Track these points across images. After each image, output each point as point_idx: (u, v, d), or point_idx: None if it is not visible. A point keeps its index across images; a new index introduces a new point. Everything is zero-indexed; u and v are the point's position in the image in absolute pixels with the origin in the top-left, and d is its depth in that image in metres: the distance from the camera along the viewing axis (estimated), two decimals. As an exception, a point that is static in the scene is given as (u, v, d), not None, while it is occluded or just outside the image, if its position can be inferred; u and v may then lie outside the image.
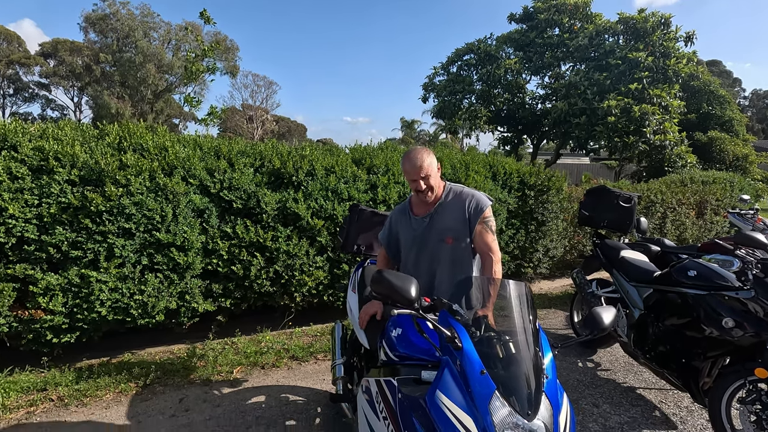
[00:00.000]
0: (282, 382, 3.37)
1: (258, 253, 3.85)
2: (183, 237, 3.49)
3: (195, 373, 3.42)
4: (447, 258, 2.20)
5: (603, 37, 11.45)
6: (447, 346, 1.43)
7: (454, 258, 2.20)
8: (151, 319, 3.51)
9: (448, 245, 2.19)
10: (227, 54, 37.03)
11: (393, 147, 5.17)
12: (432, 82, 15.05)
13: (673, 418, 2.97)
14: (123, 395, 3.11)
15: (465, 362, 1.34)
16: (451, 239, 2.19)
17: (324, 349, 3.90)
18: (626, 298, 3.53)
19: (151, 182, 3.41)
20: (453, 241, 2.18)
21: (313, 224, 3.99)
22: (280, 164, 4.04)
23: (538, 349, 1.43)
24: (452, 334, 1.40)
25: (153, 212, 3.35)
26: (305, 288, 4.10)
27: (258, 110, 42.24)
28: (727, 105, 14.06)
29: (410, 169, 2.10)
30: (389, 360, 1.87)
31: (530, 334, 1.44)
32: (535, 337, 1.45)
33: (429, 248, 2.23)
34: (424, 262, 2.25)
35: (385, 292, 1.45)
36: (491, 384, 1.29)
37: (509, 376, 1.33)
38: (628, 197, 4.12)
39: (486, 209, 2.17)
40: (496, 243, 2.17)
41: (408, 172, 2.12)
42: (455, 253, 2.19)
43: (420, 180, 2.09)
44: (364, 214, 3.07)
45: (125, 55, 33.49)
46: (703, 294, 2.82)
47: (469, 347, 1.37)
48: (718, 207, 8.54)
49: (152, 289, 3.42)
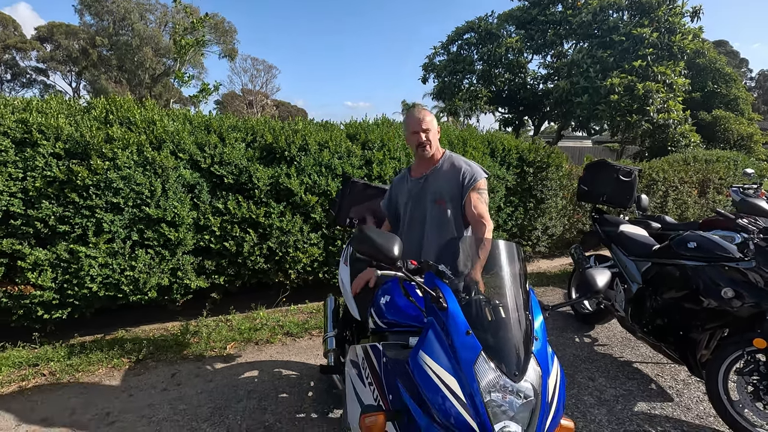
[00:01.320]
0: (276, 357, 3.35)
1: (251, 229, 3.80)
2: (173, 212, 3.43)
3: (188, 349, 3.40)
4: (437, 220, 2.22)
5: (607, 12, 11.14)
6: (432, 307, 1.37)
7: (443, 221, 2.22)
8: (143, 295, 3.47)
9: (440, 207, 2.21)
10: (225, 37, 36.46)
11: (388, 123, 5.06)
12: (432, 62, 14.77)
13: (669, 390, 2.94)
14: (115, 370, 3.10)
15: (450, 323, 1.28)
16: (443, 202, 2.21)
17: (318, 325, 3.88)
18: (624, 272, 3.48)
19: (138, 156, 3.33)
20: (445, 204, 2.20)
21: (306, 200, 3.92)
22: (272, 139, 3.95)
23: (528, 312, 1.37)
24: (437, 294, 1.34)
25: (141, 187, 3.28)
26: (300, 265, 4.05)
27: (258, 95, 41.79)
28: (733, 83, 13.77)
29: (412, 121, 2.19)
30: (377, 328, 1.82)
31: (520, 297, 1.38)
32: (525, 300, 1.39)
33: (421, 208, 2.26)
34: (416, 223, 2.29)
35: (367, 250, 1.39)
36: (477, 345, 1.23)
37: (497, 338, 1.27)
38: (628, 171, 4.03)
39: (480, 179, 2.16)
40: (488, 212, 2.12)
41: (409, 125, 2.19)
42: (446, 216, 2.21)
43: (420, 132, 2.15)
44: (357, 187, 3.00)
45: (121, 39, 33.00)
46: (703, 265, 2.76)
47: (454, 307, 1.31)
48: (721, 186, 8.42)
49: (143, 265, 3.38)
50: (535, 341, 1.31)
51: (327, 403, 2.67)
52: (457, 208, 2.19)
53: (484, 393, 1.19)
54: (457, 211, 2.19)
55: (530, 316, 1.37)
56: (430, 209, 2.23)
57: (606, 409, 2.70)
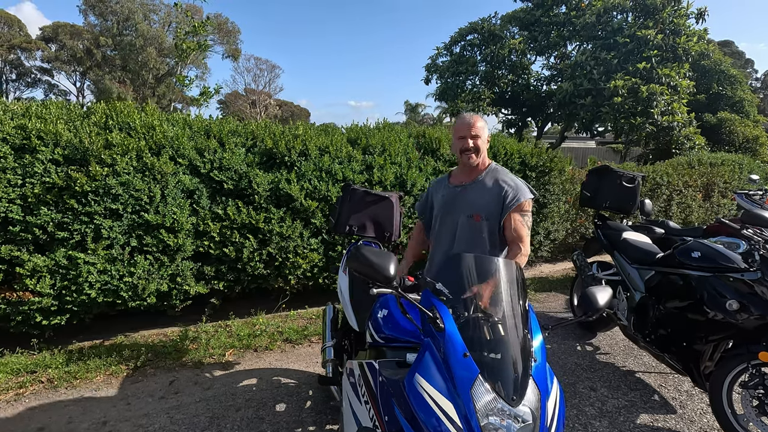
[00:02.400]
0: (275, 364, 3.33)
1: (250, 234, 3.78)
2: (172, 218, 3.41)
3: (187, 355, 3.38)
4: (468, 235, 2.09)
5: (611, 14, 11.06)
6: (429, 327, 1.34)
7: (475, 237, 2.08)
8: (142, 301, 3.46)
9: (474, 222, 2.08)
10: (228, 37, 36.57)
11: (389, 127, 5.03)
12: (435, 63, 14.72)
13: (673, 402, 2.90)
14: (113, 377, 3.08)
15: (447, 344, 1.25)
16: (478, 216, 2.07)
17: (318, 332, 3.85)
18: (627, 280, 3.43)
19: (138, 162, 3.32)
20: (480, 220, 2.07)
21: (306, 205, 3.90)
22: (272, 144, 3.93)
23: (527, 331, 1.34)
24: (434, 314, 1.31)
25: (141, 193, 3.27)
26: (299, 271, 4.03)
27: (261, 94, 41.85)
28: (738, 85, 13.64)
29: (461, 125, 2.07)
30: (375, 342, 1.80)
31: (519, 316, 1.35)
32: (524, 319, 1.36)
33: (453, 218, 2.14)
34: (446, 232, 2.17)
35: (361, 269, 1.36)
36: (474, 368, 1.20)
37: (494, 360, 1.24)
38: (631, 177, 3.98)
39: (525, 200, 2.03)
40: (529, 238, 2.03)
41: (458, 129, 2.08)
42: (478, 233, 2.07)
43: (469, 138, 2.04)
44: (357, 194, 2.97)
45: (125, 39, 33.12)
46: (707, 276, 2.72)
47: (451, 328, 1.28)
48: (726, 189, 8.35)
49: (142, 271, 3.36)
50: (534, 362, 1.28)
51: (325, 414, 2.64)
52: (495, 226, 2.05)
53: (481, 417, 1.16)
54: (494, 229, 2.05)
55: (529, 335, 1.34)
56: (463, 222, 2.09)
57: (608, 420, 2.66)
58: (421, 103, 47.91)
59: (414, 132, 5.07)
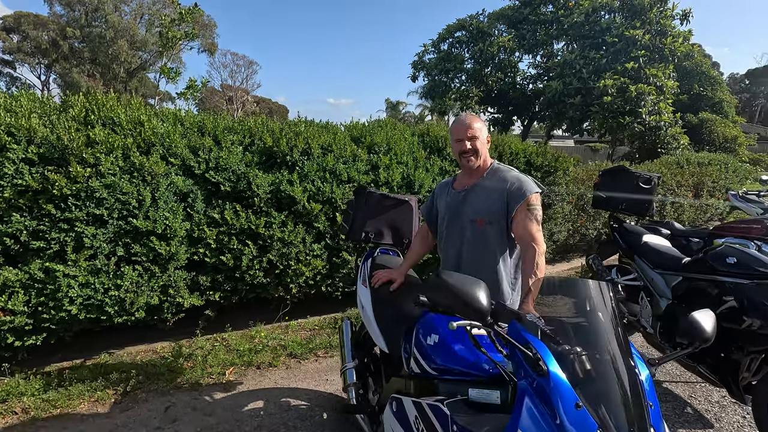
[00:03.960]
0: (281, 383, 3.05)
1: (249, 241, 3.47)
2: (164, 224, 3.07)
3: (182, 375, 3.06)
4: (474, 240, 2.00)
5: (599, 14, 11.11)
6: (526, 367, 1.10)
7: (482, 241, 1.99)
8: (129, 316, 3.11)
9: (479, 227, 1.98)
10: (205, 31, 35.45)
11: (393, 125, 4.79)
12: (422, 60, 14.53)
13: (707, 414, 2.77)
14: (100, 404, 2.74)
15: (553, 392, 1.02)
16: (482, 221, 1.97)
17: (324, 344, 3.58)
18: (651, 286, 3.30)
19: (124, 161, 2.96)
20: (484, 224, 1.97)
21: (309, 208, 3.61)
22: (272, 142, 3.62)
23: (635, 367, 1.12)
24: (534, 354, 1.08)
25: (128, 196, 2.92)
26: (301, 279, 3.74)
27: (238, 91, 40.80)
28: (718, 86, 14.00)
29: (457, 127, 1.99)
30: (424, 372, 1.55)
31: (623, 350, 1.13)
32: (629, 353, 1.14)
33: (457, 226, 2.06)
34: (453, 239, 2.08)
35: (447, 302, 1.12)
36: (591, 423, 0.98)
37: (607, 408, 1.02)
38: (648, 178, 3.85)
39: (531, 195, 1.89)
40: (541, 234, 1.87)
41: (454, 132, 2.00)
42: (485, 236, 1.98)
43: (466, 140, 1.95)
44: (373, 198, 2.71)
45: (94, 30, 31.63)
46: (745, 283, 2.59)
47: (557, 373, 1.05)
48: (714, 189, 8.47)
49: (130, 283, 3.01)
50: (650, 407, 1.07)
51: (346, 442, 2.39)
52: (503, 227, 1.94)
53: None
54: (503, 232, 1.95)
55: (638, 374, 1.13)
56: (469, 228, 2.00)
57: (647, 439, 2.50)
58: (402, 101, 47.79)
59: (418, 131, 4.84)
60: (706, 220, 8.66)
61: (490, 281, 1.99)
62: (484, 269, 1.96)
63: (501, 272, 1.97)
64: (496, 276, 1.97)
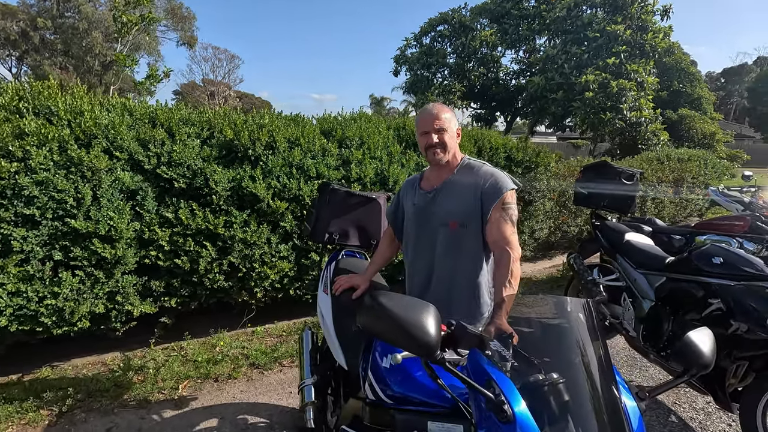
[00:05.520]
0: (240, 398, 2.80)
1: (208, 242, 3.19)
2: (108, 225, 2.78)
3: (130, 391, 2.78)
4: (448, 245, 1.76)
5: (581, 9, 11.04)
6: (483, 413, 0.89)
7: (457, 246, 1.76)
8: (71, 327, 2.82)
9: (451, 230, 1.75)
10: (183, 23, 34.53)
11: (366, 117, 4.55)
12: (404, 54, 14.29)
13: (692, 423, 2.63)
14: (31, 427, 2.45)
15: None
16: (455, 223, 1.74)
17: (291, 352, 3.34)
18: (633, 287, 3.15)
19: (60, 155, 2.66)
20: (457, 227, 1.74)
21: (274, 207, 3.36)
22: (233, 135, 3.35)
23: (619, 401, 0.92)
24: (496, 395, 0.86)
25: (64, 194, 2.62)
26: (267, 282, 3.48)
27: (220, 85, 39.96)
28: (697, 83, 14.14)
29: (423, 118, 1.77)
30: (379, 400, 1.33)
31: (606, 379, 0.93)
32: (612, 383, 0.94)
33: (429, 230, 1.81)
34: (423, 247, 1.83)
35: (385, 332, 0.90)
36: None
37: None
38: (630, 174, 3.71)
39: (506, 192, 1.67)
40: (516, 236, 1.66)
41: (420, 124, 1.78)
42: (459, 240, 1.75)
43: (433, 133, 1.73)
44: (337, 195, 2.47)
45: (67, 21, 30.51)
46: (731, 285, 2.45)
47: (523, 417, 0.84)
48: (693, 185, 8.48)
49: (69, 290, 2.72)
50: None
51: (305, 466, 2.15)
52: (478, 231, 1.72)
53: None
54: (478, 232, 1.72)
55: (623, 408, 0.92)
56: (441, 233, 1.76)
57: (630, 452, 2.33)
58: (387, 96, 47.53)
59: (393, 124, 4.61)
60: (685, 216, 8.67)
61: (469, 292, 1.78)
62: (461, 279, 1.75)
63: (480, 280, 1.76)
64: (476, 285, 1.76)
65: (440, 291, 1.81)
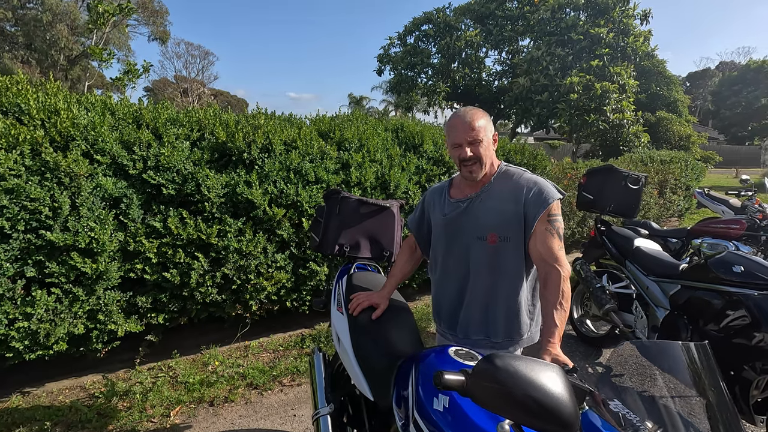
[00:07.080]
0: (239, 424, 2.57)
1: (199, 253, 2.94)
2: (89, 236, 2.50)
3: (115, 421, 2.51)
4: (486, 261, 1.59)
5: (564, 11, 11.14)
6: None
7: (496, 263, 1.58)
8: (46, 350, 2.52)
9: (489, 245, 1.57)
10: (155, 17, 33.37)
11: (363, 119, 4.36)
12: (387, 53, 14.13)
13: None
14: (2, 469, 2.16)
15: None
16: (495, 237, 1.56)
17: (291, 369, 3.12)
18: (646, 295, 3.09)
19: (33, 160, 2.37)
20: (498, 241, 1.56)
21: (271, 214, 3.13)
22: (226, 137, 3.10)
23: None
24: None
25: (38, 203, 2.33)
26: (263, 294, 3.25)
27: (193, 83, 38.87)
28: (673, 86, 14.56)
29: (454, 126, 1.54)
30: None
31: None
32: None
33: (461, 245, 1.63)
34: (456, 264, 1.65)
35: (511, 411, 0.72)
36: None
37: None
38: (636, 178, 3.65)
39: (552, 203, 1.52)
40: (564, 252, 1.51)
41: (451, 133, 1.56)
42: (499, 256, 1.57)
43: (466, 146, 1.52)
44: (348, 204, 2.27)
45: (29, 13, 28.99)
46: (755, 294, 2.39)
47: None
48: (676, 186, 8.65)
49: (45, 310, 2.43)
50: None
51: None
52: (520, 245, 1.56)
53: None
54: (520, 250, 1.56)
55: None
56: (476, 248, 1.59)
57: (658, 471, 2.23)
58: (366, 96, 47.34)
59: (390, 125, 4.44)
60: (668, 217, 8.84)
61: (508, 312, 1.62)
62: (500, 300, 1.59)
63: (520, 299, 1.61)
64: (515, 305, 1.60)
65: (475, 311, 1.65)
